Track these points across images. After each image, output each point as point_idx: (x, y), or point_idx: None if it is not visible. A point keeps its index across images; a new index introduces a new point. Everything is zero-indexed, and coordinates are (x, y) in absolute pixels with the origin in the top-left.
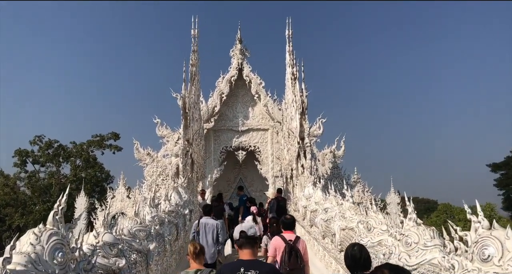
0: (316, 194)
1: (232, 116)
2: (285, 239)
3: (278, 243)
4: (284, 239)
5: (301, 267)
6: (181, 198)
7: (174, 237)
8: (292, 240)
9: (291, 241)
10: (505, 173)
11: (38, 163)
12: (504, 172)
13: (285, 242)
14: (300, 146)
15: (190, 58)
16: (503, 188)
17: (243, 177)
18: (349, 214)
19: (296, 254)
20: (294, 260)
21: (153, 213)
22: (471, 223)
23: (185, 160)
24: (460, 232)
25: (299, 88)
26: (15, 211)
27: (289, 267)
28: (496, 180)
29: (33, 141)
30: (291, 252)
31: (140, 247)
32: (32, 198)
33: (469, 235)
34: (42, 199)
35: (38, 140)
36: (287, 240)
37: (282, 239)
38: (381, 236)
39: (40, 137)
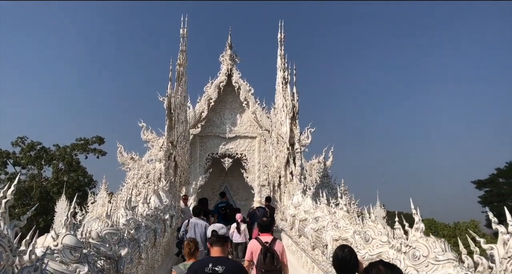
0: (306, 202)
1: (220, 123)
2: (261, 241)
3: (254, 245)
4: (260, 242)
5: (277, 268)
6: (162, 202)
7: (151, 243)
8: (268, 242)
9: (267, 243)
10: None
11: (19, 165)
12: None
13: (261, 244)
14: (289, 151)
15: (177, 58)
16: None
17: (228, 185)
18: (343, 224)
19: (272, 256)
20: (270, 261)
21: (129, 215)
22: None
23: (168, 162)
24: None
25: (290, 92)
26: None
27: (264, 268)
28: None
29: (15, 142)
30: (267, 253)
31: (110, 252)
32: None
33: (495, 249)
34: (22, 202)
35: (20, 141)
36: (263, 242)
37: (258, 241)
38: (381, 248)
39: (23, 138)
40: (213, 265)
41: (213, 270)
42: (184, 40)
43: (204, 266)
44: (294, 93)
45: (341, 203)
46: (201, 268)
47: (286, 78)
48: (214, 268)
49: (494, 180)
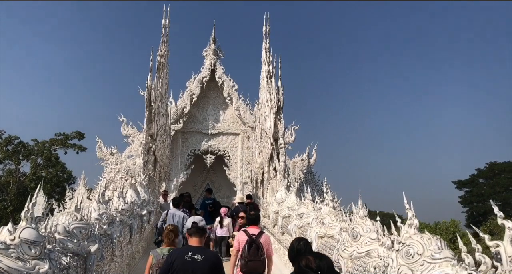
0: (290, 199)
1: (202, 119)
2: (248, 233)
3: (242, 236)
4: (247, 233)
5: (261, 259)
6: (139, 197)
7: (126, 239)
8: (255, 234)
9: (254, 235)
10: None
11: None
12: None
13: (247, 235)
14: (273, 147)
15: (158, 49)
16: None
17: (210, 182)
18: (328, 220)
19: (257, 247)
20: (254, 252)
21: (101, 209)
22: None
23: (147, 156)
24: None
25: (275, 86)
26: None
27: (248, 258)
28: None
29: None
30: (252, 244)
31: (78, 248)
32: None
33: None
34: None
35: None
36: (250, 234)
37: (246, 233)
38: (370, 245)
39: (0, 132)
40: (192, 254)
41: (192, 258)
42: (166, 31)
43: (184, 254)
44: (279, 87)
45: (326, 198)
46: (181, 256)
47: (270, 72)
48: (193, 256)
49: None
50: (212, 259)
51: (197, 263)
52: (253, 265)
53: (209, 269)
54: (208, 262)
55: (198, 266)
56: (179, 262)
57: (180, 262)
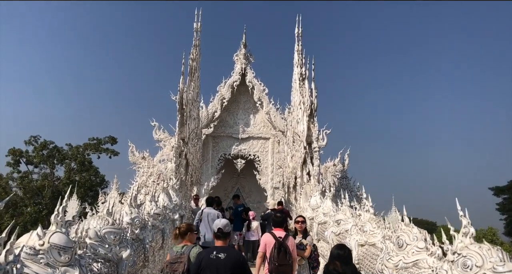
0: (325, 204)
1: (233, 123)
2: (275, 235)
3: (268, 239)
4: (274, 236)
5: (289, 263)
6: (171, 201)
7: (158, 244)
8: (282, 237)
9: (281, 238)
10: (508, 197)
11: (32, 163)
12: (506, 196)
13: (275, 238)
14: (306, 151)
15: (190, 52)
16: (505, 212)
17: (240, 186)
18: (369, 227)
19: (285, 251)
20: (283, 256)
21: (134, 213)
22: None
23: (179, 160)
24: None
25: (308, 88)
26: (5, 212)
27: (278, 262)
28: (499, 204)
29: (28, 141)
30: (280, 248)
31: (109, 254)
32: (24, 199)
33: None
34: (33, 200)
35: (33, 140)
36: (277, 237)
37: (272, 235)
38: (418, 255)
39: (36, 137)
40: (216, 253)
41: (217, 256)
42: (197, 35)
43: (209, 253)
44: (312, 89)
45: (366, 204)
46: (207, 255)
47: (303, 74)
48: (217, 255)
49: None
50: (235, 257)
51: (220, 260)
52: (282, 270)
53: (231, 265)
54: (230, 259)
55: (221, 263)
56: (205, 261)
57: (206, 260)
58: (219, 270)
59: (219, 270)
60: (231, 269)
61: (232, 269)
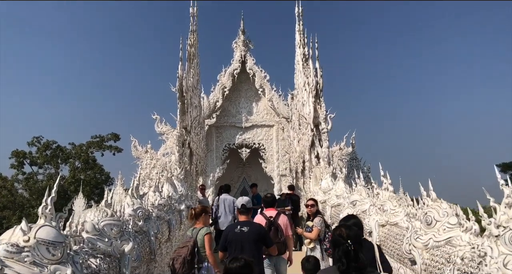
0: (338, 186)
1: (235, 112)
2: (266, 216)
3: (260, 219)
4: (265, 216)
5: (281, 240)
6: (176, 191)
7: (165, 236)
8: (272, 216)
9: (272, 217)
10: None
11: (36, 164)
12: None
13: (265, 218)
14: (314, 133)
15: (187, 38)
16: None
17: (246, 176)
18: (390, 206)
19: (276, 229)
20: (274, 234)
21: (136, 204)
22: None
23: (182, 149)
24: None
25: (313, 68)
26: (12, 214)
27: None
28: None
29: (31, 142)
30: (271, 227)
31: (109, 248)
32: (30, 200)
33: None
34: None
35: (36, 141)
36: (267, 216)
37: (263, 216)
38: (450, 232)
39: (38, 138)
40: (240, 227)
41: (241, 230)
42: (194, 20)
43: (234, 228)
44: (317, 68)
45: (385, 182)
46: (232, 229)
47: (306, 54)
48: (241, 229)
49: None
50: (257, 229)
51: (244, 233)
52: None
53: (254, 237)
54: (253, 232)
55: (245, 236)
56: (231, 234)
57: (232, 234)
58: (243, 242)
59: (243, 242)
60: (254, 241)
61: (255, 240)
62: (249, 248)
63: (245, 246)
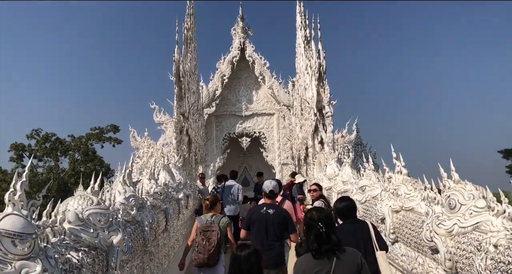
0: (344, 172)
1: (235, 101)
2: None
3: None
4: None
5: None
6: (174, 179)
7: (161, 226)
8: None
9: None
10: None
11: (36, 157)
12: None
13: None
14: (317, 118)
15: (184, 22)
16: None
17: (247, 165)
18: (405, 190)
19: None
20: None
21: (128, 192)
22: None
23: (180, 136)
24: None
25: (315, 50)
26: None
27: None
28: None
29: (30, 135)
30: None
31: (95, 240)
32: (31, 193)
33: None
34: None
35: (35, 134)
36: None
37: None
38: (478, 216)
39: (38, 130)
40: (266, 208)
41: (266, 211)
42: (191, 3)
43: (260, 209)
44: (319, 50)
45: (398, 164)
46: (258, 210)
47: (307, 36)
48: (267, 210)
49: None
50: (281, 213)
51: (270, 215)
52: None
53: (278, 220)
54: (278, 215)
55: (270, 217)
56: (256, 214)
57: (257, 214)
58: (267, 222)
59: (267, 223)
60: (278, 223)
61: (278, 223)
62: (273, 230)
63: (269, 227)
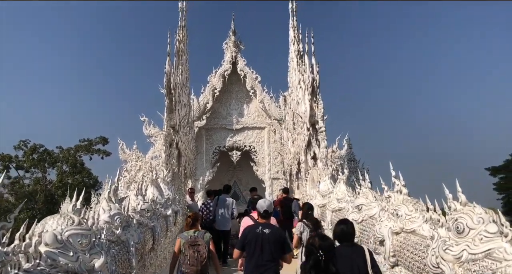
0: (339, 189)
1: (226, 114)
2: (254, 218)
3: (247, 222)
4: (253, 218)
5: None
6: (162, 194)
7: (148, 246)
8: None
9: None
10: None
11: (22, 168)
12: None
13: (253, 220)
14: (310, 132)
15: (176, 34)
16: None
17: (237, 179)
18: (405, 211)
19: None
20: None
21: (113, 210)
22: None
23: (170, 150)
24: None
25: (309, 64)
26: None
27: None
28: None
29: (17, 146)
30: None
31: (75, 264)
32: (16, 205)
33: None
34: (26, 206)
35: (23, 145)
36: (255, 219)
37: (251, 218)
38: (490, 242)
39: (25, 141)
40: (262, 228)
41: (262, 231)
42: (183, 14)
43: (255, 228)
44: (313, 64)
45: (397, 183)
46: (253, 230)
47: (301, 50)
48: (262, 230)
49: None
50: (277, 233)
51: (265, 234)
52: None
53: (274, 239)
54: (273, 234)
55: (266, 237)
56: (251, 234)
57: (252, 234)
58: (263, 242)
59: (263, 242)
60: (274, 243)
61: (274, 242)
62: (269, 249)
63: (265, 247)
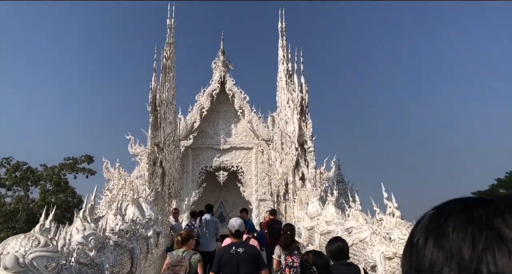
0: (328, 211)
1: (213, 134)
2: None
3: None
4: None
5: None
6: (144, 215)
7: (125, 269)
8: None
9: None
10: None
11: (4, 186)
12: None
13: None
14: (299, 152)
15: (163, 50)
16: None
17: (223, 200)
18: (398, 235)
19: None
20: None
21: (88, 230)
22: None
23: (153, 168)
24: None
25: (298, 83)
26: None
27: None
28: None
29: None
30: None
31: None
32: None
33: None
34: (7, 225)
35: (5, 162)
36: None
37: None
38: None
39: (8, 159)
40: (235, 248)
41: (236, 251)
42: (171, 32)
43: (229, 249)
44: (302, 83)
45: (390, 205)
46: (227, 250)
47: (290, 70)
48: (236, 250)
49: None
50: (251, 250)
51: (240, 254)
52: None
53: (249, 258)
54: (248, 253)
55: (240, 256)
56: (226, 255)
57: (227, 254)
58: (239, 262)
59: (239, 262)
60: (249, 261)
61: (250, 260)
62: (245, 268)
63: (241, 266)
